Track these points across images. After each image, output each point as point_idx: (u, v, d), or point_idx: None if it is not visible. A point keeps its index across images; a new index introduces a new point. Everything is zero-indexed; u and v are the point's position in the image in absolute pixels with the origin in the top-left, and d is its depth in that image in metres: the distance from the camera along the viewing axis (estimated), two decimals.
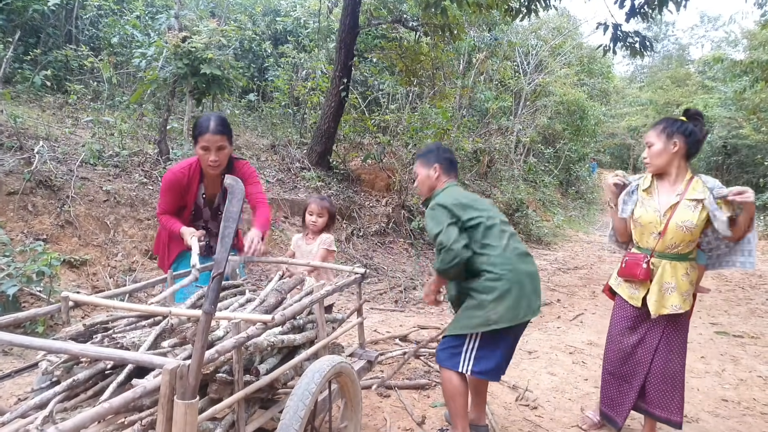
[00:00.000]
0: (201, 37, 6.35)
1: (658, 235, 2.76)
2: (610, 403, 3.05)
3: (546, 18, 17.54)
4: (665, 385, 2.87)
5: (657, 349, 2.86)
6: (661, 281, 2.78)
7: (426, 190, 3.06)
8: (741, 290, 8.35)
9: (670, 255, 2.77)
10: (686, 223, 2.69)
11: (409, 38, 10.34)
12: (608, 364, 3.05)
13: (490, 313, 2.67)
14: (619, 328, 2.98)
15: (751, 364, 4.86)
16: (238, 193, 1.49)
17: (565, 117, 18.12)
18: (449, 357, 2.78)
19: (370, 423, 3.22)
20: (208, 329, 1.43)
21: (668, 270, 2.77)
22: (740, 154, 21.23)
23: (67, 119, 7.30)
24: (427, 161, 3.05)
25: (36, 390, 1.73)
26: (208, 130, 2.83)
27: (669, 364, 2.86)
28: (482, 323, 2.68)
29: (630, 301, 2.90)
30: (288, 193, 7.72)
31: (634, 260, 2.84)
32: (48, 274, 4.05)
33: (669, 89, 28.65)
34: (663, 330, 2.85)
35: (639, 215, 2.84)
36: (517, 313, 2.68)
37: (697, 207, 2.69)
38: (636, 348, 2.92)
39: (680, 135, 2.74)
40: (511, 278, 2.70)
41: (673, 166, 2.78)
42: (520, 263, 2.76)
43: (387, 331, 4.99)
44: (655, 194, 2.83)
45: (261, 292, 2.50)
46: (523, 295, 2.71)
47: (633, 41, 7.79)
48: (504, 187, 12.70)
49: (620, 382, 3.00)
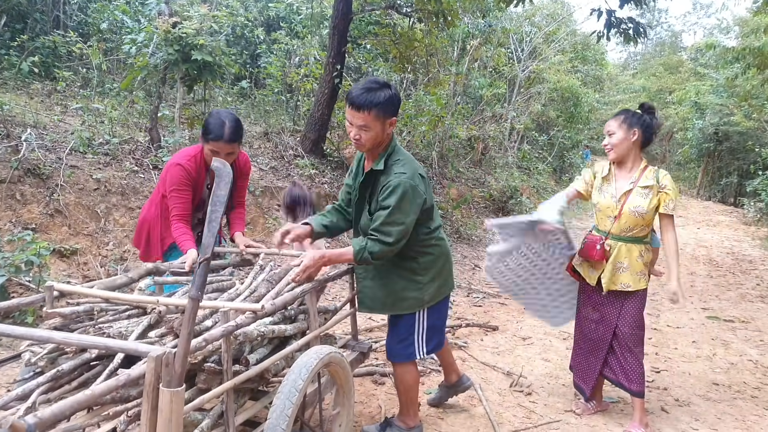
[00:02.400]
0: (192, 23, 6.25)
1: (613, 219, 3.03)
2: (581, 375, 3.33)
3: (540, 4, 17.42)
4: (625, 357, 3.11)
5: (616, 325, 3.11)
6: (615, 261, 3.04)
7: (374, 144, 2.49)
8: (732, 275, 8.40)
9: (625, 237, 3.04)
10: (638, 209, 2.96)
11: (403, 24, 10.24)
12: (577, 338, 3.37)
13: (424, 294, 2.64)
14: (584, 306, 3.27)
15: (742, 348, 4.90)
16: (225, 176, 1.46)
17: (559, 104, 18.06)
18: (403, 349, 2.72)
19: (365, 411, 3.22)
20: (195, 315, 1.41)
21: (623, 251, 3.03)
22: (731, 140, 21.23)
23: (56, 106, 7.20)
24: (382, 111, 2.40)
25: (19, 381, 1.70)
26: (221, 138, 2.69)
27: (628, 338, 3.09)
28: (416, 305, 2.65)
29: (587, 280, 3.17)
30: (281, 181, 7.66)
31: (591, 242, 3.11)
32: (37, 263, 4.01)
33: (662, 76, 28.64)
34: (620, 307, 3.10)
35: (597, 201, 3.13)
36: (448, 287, 2.80)
37: (648, 194, 2.97)
38: (598, 324, 3.18)
39: (639, 126, 3.00)
40: (446, 255, 2.77)
41: (630, 154, 3.06)
42: (446, 242, 2.81)
43: (382, 319, 4.98)
44: (613, 181, 3.11)
45: (250, 281, 2.46)
46: (450, 268, 2.82)
47: (627, 27, 7.74)
48: (498, 174, 12.67)
49: (587, 355, 3.27)
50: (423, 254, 2.64)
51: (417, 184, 2.46)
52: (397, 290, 2.65)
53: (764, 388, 4.00)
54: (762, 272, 8.76)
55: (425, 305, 2.67)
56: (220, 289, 2.44)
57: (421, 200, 2.49)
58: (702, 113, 22.02)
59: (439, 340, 2.84)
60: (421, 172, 2.54)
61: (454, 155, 11.52)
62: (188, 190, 2.83)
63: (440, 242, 2.72)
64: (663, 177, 3.02)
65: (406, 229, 2.45)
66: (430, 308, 2.70)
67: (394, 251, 2.47)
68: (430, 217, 2.64)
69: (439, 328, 2.81)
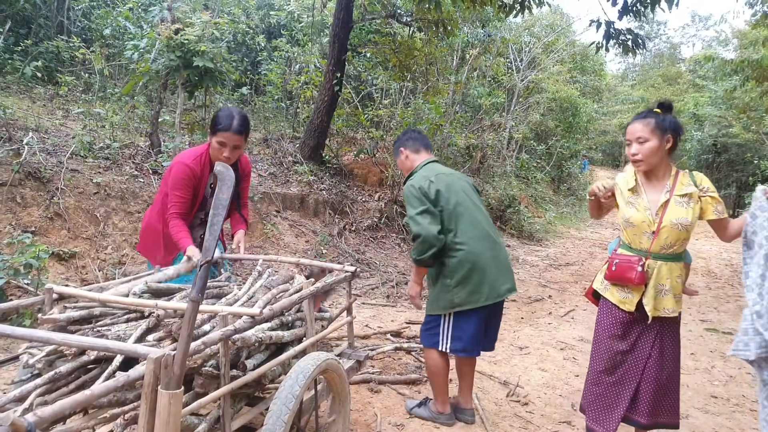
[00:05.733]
0: (194, 30, 6.29)
1: (651, 235, 2.58)
2: (597, 417, 2.74)
3: (539, 15, 17.51)
4: (659, 393, 2.66)
5: (650, 355, 2.65)
6: (656, 283, 2.59)
7: (406, 172, 3.30)
8: (730, 287, 8.41)
9: (665, 256, 2.59)
10: (681, 221, 2.53)
11: (403, 33, 10.30)
12: (595, 374, 2.77)
13: (454, 297, 2.93)
14: (608, 335, 2.73)
15: (741, 361, 4.88)
16: (228, 180, 1.47)
17: (558, 114, 18.13)
18: (429, 337, 3.07)
19: (360, 419, 3.21)
20: (194, 317, 1.41)
21: (664, 272, 2.59)
22: (730, 152, 21.33)
23: (58, 111, 7.22)
24: (396, 150, 3.34)
25: (17, 383, 1.70)
26: (230, 129, 2.78)
27: (663, 371, 2.65)
28: (447, 306, 2.96)
29: (621, 306, 2.67)
30: (280, 187, 7.68)
31: (627, 263, 2.61)
32: (36, 266, 4.01)
33: (660, 87, 28.82)
34: (656, 335, 2.65)
35: (629, 216, 2.63)
36: (479, 297, 2.92)
37: (689, 203, 2.55)
38: (627, 355, 2.68)
39: (672, 130, 2.59)
40: (473, 262, 2.92)
41: (662, 163, 2.62)
42: (485, 248, 2.98)
43: (378, 326, 4.98)
44: (642, 192, 2.65)
45: (248, 287, 2.46)
46: (485, 279, 2.92)
47: (625, 39, 7.80)
48: (496, 182, 12.70)
49: (609, 392, 2.73)
50: (449, 257, 2.95)
51: (414, 184, 3.01)
52: (434, 293, 3.06)
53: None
54: None
55: (455, 308, 2.95)
56: (217, 295, 2.45)
57: (420, 193, 2.95)
58: (701, 125, 22.14)
59: (467, 346, 3.01)
60: (431, 178, 3.01)
61: (452, 163, 11.56)
62: (190, 188, 2.89)
63: (464, 248, 2.94)
64: (701, 180, 2.60)
65: (416, 221, 2.91)
66: (459, 312, 2.96)
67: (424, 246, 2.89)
68: (450, 221, 2.96)
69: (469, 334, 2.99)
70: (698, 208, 2.56)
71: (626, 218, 2.66)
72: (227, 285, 2.60)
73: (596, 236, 14.26)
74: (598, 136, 27.54)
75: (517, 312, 6.07)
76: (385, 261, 7.60)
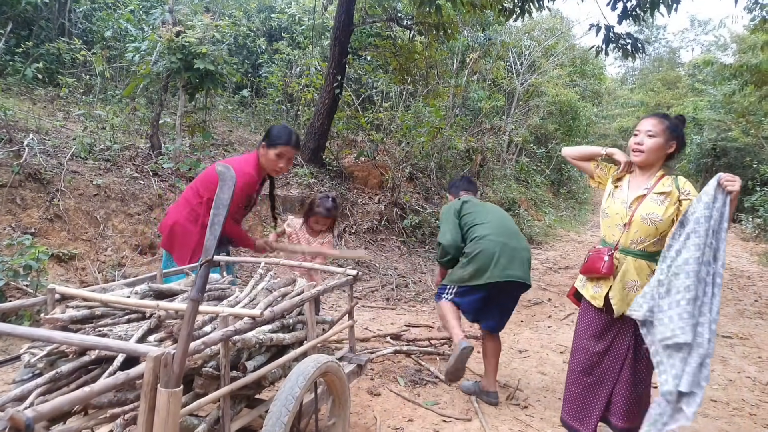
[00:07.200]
0: (195, 32, 6.30)
1: (623, 227, 2.65)
2: (576, 414, 2.81)
3: (539, 19, 17.54)
4: (633, 396, 2.67)
5: (626, 357, 2.67)
6: (624, 278, 2.62)
7: None
8: (730, 291, 8.41)
9: (636, 251, 2.63)
10: (651, 216, 2.57)
11: (404, 37, 10.32)
12: (574, 374, 2.84)
13: (464, 273, 3.47)
14: (586, 335, 2.78)
15: (740, 365, 4.89)
16: (229, 180, 1.48)
17: (557, 117, 18.14)
18: (438, 295, 3.69)
19: (360, 422, 3.21)
20: (194, 317, 1.41)
21: (632, 268, 2.62)
22: (729, 156, 21.34)
23: (59, 112, 7.23)
24: (448, 194, 4.18)
25: (18, 382, 1.70)
26: (290, 144, 3.16)
27: (637, 374, 2.67)
28: (456, 279, 3.52)
29: (592, 301, 2.72)
30: (280, 190, 7.68)
31: (597, 255, 2.71)
32: (35, 268, 4.01)
33: (660, 91, 28.80)
34: (632, 337, 2.66)
35: (607, 206, 2.77)
36: (482, 275, 3.39)
37: (664, 201, 2.58)
38: (603, 356, 2.72)
39: (679, 139, 2.67)
40: (484, 246, 3.43)
41: (657, 164, 2.69)
42: (498, 236, 3.47)
43: (378, 329, 4.98)
44: (625, 186, 2.74)
45: (250, 290, 2.47)
46: (493, 264, 3.37)
47: (625, 43, 7.82)
48: (496, 186, 12.71)
49: (586, 392, 2.78)
50: (470, 246, 3.53)
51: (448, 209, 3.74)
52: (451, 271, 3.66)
53: (763, 405, 3.99)
54: (760, 288, 8.77)
55: (462, 282, 3.50)
56: (219, 297, 2.45)
57: (450, 214, 3.66)
58: (700, 129, 22.15)
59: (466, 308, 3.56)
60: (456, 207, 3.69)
61: (452, 166, 11.58)
62: (248, 195, 3.23)
63: (478, 243, 3.48)
64: (684, 184, 2.63)
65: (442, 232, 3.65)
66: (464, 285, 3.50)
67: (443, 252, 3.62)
68: (469, 229, 3.58)
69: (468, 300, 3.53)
70: (674, 208, 2.57)
71: (604, 209, 2.80)
72: (229, 287, 2.60)
73: (596, 239, 14.25)
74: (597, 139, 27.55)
75: (517, 315, 6.07)
76: (385, 263, 7.60)
